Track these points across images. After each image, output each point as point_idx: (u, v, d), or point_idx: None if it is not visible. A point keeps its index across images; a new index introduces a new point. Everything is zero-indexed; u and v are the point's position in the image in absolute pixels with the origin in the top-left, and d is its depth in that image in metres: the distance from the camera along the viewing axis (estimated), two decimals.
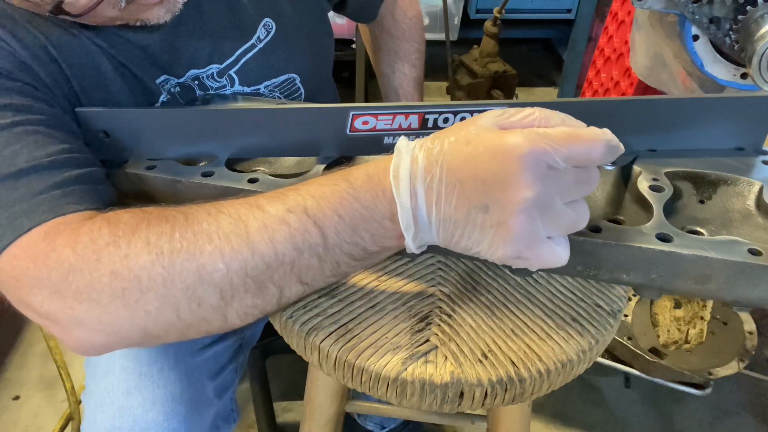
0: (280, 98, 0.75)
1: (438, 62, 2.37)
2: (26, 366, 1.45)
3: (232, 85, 0.70)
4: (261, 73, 0.71)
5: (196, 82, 0.68)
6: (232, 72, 0.70)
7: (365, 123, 0.56)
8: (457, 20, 2.52)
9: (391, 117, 0.55)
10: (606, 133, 0.39)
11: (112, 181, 0.61)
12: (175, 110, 0.62)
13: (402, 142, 0.42)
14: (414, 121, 0.55)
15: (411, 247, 0.43)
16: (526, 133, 0.37)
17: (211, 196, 0.57)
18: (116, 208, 0.47)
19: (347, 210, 0.41)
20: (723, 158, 0.58)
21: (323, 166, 0.58)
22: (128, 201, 0.62)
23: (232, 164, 0.60)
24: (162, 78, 0.65)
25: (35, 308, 0.44)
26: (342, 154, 0.60)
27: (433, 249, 0.55)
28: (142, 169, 0.59)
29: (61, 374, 1.27)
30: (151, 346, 0.46)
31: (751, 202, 0.54)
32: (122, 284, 0.41)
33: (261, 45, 0.70)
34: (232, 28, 0.67)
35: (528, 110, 0.39)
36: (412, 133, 0.56)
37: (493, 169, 0.37)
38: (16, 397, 1.37)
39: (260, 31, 0.69)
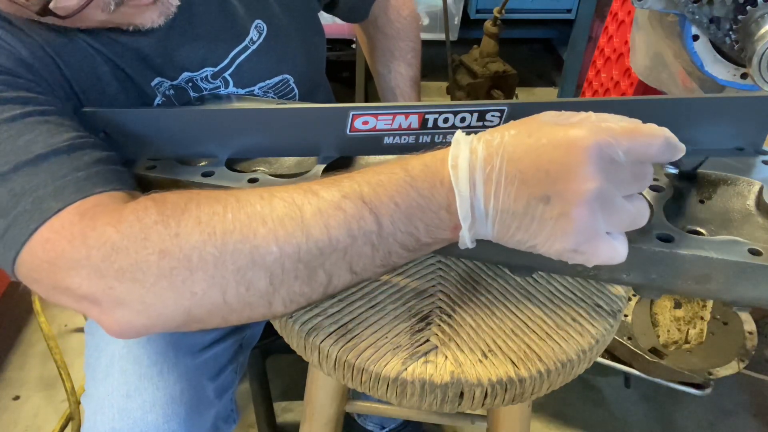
0: (274, 99, 0.75)
1: (438, 62, 2.37)
2: (26, 366, 1.45)
3: (227, 87, 0.70)
4: (255, 74, 0.72)
5: (190, 84, 0.68)
6: (226, 74, 0.70)
7: (365, 123, 0.56)
8: (457, 20, 2.52)
9: (391, 117, 0.55)
10: (665, 131, 0.38)
11: None
12: (175, 110, 0.62)
13: (460, 134, 0.41)
14: (414, 121, 0.55)
15: (465, 239, 0.42)
16: (589, 126, 0.37)
17: None
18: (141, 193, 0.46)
19: (404, 198, 0.40)
20: (723, 158, 0.58)
21: (323, 166, 0.58)
22: None
23: (232, 164, 0.60)
24: (156, 81, 0.65)
25: (73, 290, 0.42)
26: (342, 154, 0.60)
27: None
28: (142, 169, 0.60)
29: (61, 374, 1.27)
30: (192, 329, 0.44)
31: (751, 202, 0.54)
32: (171, 263, 0.40)
33: (254, 47, 0.70)
34: (224, 30, 0.67)
35: (584, 114, 0.39)
36: (412, 134, 0.56)
37: (556, 160, 0.36)
38: (16, 397, 1.37)
39: (252, 33, 0.70)
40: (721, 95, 0.62)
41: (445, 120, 0.55)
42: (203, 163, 0.61)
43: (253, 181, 0.56)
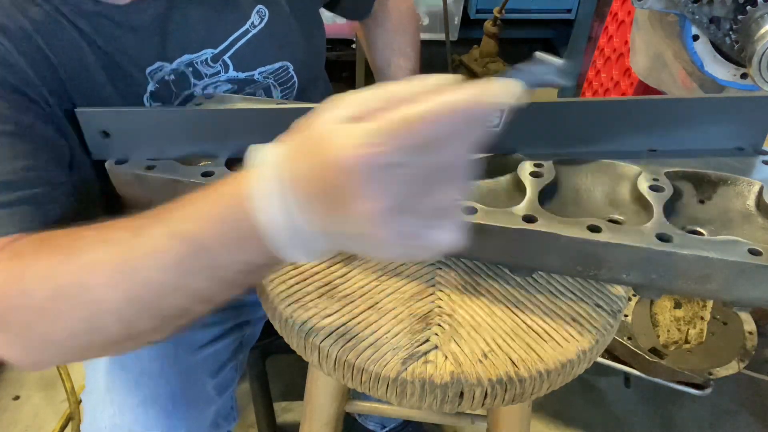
0: (274, 85, 0.75)
1: (438, 62, 2.37)
2: None
3: (227, 71, 0.70)
4: (255, 59, 0.72)
5: (191, 68, 0.68)
6: (226, 57, 0.70)
7: None
8: (457, 20, 2.51)
9: None
10: (450, 100, 0.31)
11: (112, 181, 0.61)
12: (175, 110, 0.62)
13: (254, 153, 0.37)
14: None
15: (298, 259, 0.38)
16: (355, 137, 0.31)
17: None
18: (55, 227, 0.47)
19: (226, 229, 0.38)
20: (723, 158, 0.58)
21: None
22: (128, 201, 0.62)
23: (232, 164, 0.60)
24: (155, 65, 0.65)
25: None
26: None
27: None
28: (142, 169, 0.59)
29: (61, 374, 1.27)
30: (91, 357, 0.48)
31: (751, 202, 0.54)
32: (26, 317, 0.43)
33: (254, 31, 0.70)
34: (225, 12, 0.67)
35: (396, 87, 0.33)
36: None
37: (331, 184, 0.32)
38: (16, 397, 1.37)
39: (254, 17, 0.70)
40: (721, 95, 0.62)
41: None
42: (203, 163, 0.61)
43: None
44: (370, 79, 2.29)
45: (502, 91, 0.33)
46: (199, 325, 0.77)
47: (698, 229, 0.52)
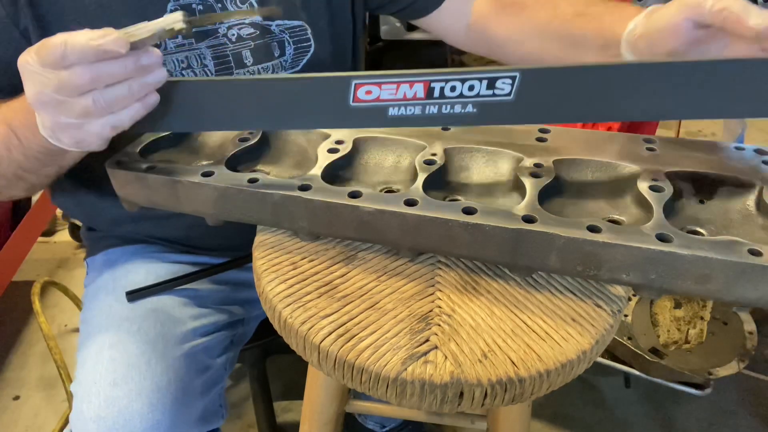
0: (288, 41, 0.77)
1: (438, 62, 2.37)
2: (26, 366, 1.45)
3: (252, 13, 0.73)
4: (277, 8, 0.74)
5: (219, 4, 0.71)
6: (253, 0, 0.73)
7: (369, 93, 0.53)
8: None
9: (395, 86, 0.53)
10: (52, 42, 0.47)
11: (112, 181, 0.61)
12: (178, 81, 0.59)
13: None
14: (419, 90, 0.52)
15: (55, 142, 0.54)
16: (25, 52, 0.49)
17: (211, 196, 0.57)
18: None
19: (26, 120, 0.55)
20: (723, 158, 0.58)
21: (321, 169, 0.58)
22: (128, 200, 0.62)
23: (232, 164, 0.60)
24: None
25: None
26: (344, 127, 0.59)
27: (432, 249, 0.55)
28: (142, 169, 0.60)
29: (61, 374, 1.27)
30: None
31: (751, 202, 0.54)
32: None
33: None
34: None
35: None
36: (418, 104, 0.53)
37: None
38: (16, 397, 1.37)
39: None
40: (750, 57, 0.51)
41: (452, 88, 0.52)
42: (203, 163, 0.61)
43: (252, 181, 0.56)
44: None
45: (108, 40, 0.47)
46: (189, 321, 0.78)
47: (698, 229, 0.52)
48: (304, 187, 0.55)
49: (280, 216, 0.56)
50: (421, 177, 0.56)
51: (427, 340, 0.50)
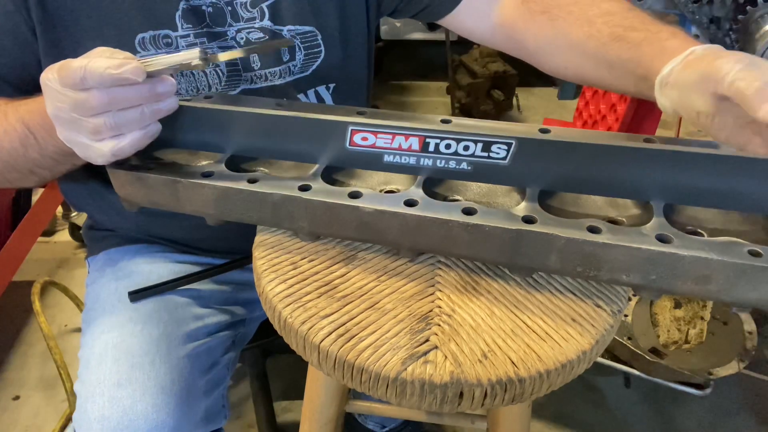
0: (299, 47, 0.77)
1: (438, 62, 2.37)
2: (26, 366, 1.45)
3: (262, 19, 0.73)
4: (288, 14, 0.74)
5: (230, 7, 0.71)
6: (264, 5, 0.73)
7: (365, 139, 0.55)
8: None
9: (390, 137, 0.54)
10: (68, 66, 0.49)
11: (112, 181, 0.61)
12: (187, 106, 0.61)
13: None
14: (414, 143, 0.54)
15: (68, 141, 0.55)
16: (53, 67, 0.51)
17: (211, 196, 0.57)
18: None
19: (43, 121, 0.57)
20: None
21: (321, 170, 0.58)
22: (129, 200, 0.62)
23: (232, 165, 0.60)
24: None
25: None
26: (342, 166, 0.60)
27: (432, 249, 0.55)
28: (143, 169, 0.60)
29: (61, 374, 1.27)
30: None
31: None
32: None
33: None
34: None
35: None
36: (413, 155, 0.55)
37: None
38: (16, 397, 1.37)
39: None
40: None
41: (447, 146, 0.54)
42: (204, 163, 0.61)
43: (252, 181, 0.56)
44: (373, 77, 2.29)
45: (129, 68, 0.49)
46: (192, 321, 0.78)
47: (698, 229, 0.52)
48: (304, 188, 0.55)
49: (280, 216, 0.56)
50: (421, 177, 0.56)
51: (427, 340, 0.50)
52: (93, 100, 0.50)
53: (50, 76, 0.50)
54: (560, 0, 0.70)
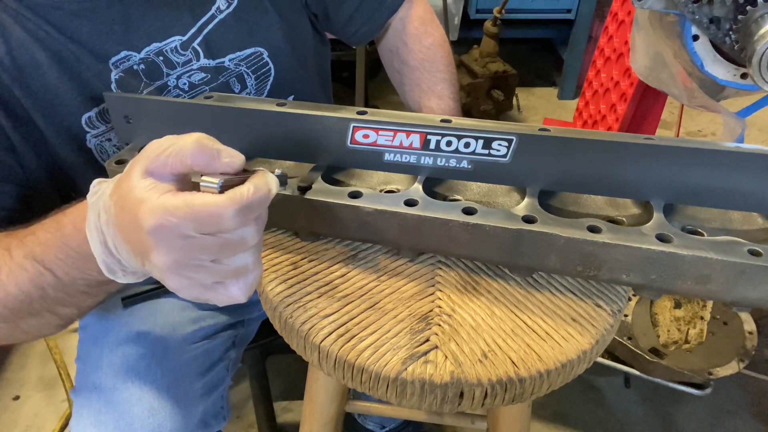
0: (247, 73, 0.74)
1: None
2: (26, 366, 1.45)
3: (198, 59, 0.70)
4: (224, 45, 0.71)
5: (161, 57, 0.68)
6: (195, 44, 0.69)
7: (366, 137, 0.55)
8: (457, 20, 2.51)
9: (392, 134, 0.54)
10: (236, 199, 0.38)
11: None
12: (190, 103, 0.62)
13: (91, 196, 0.45)
14: (415, 140, 0.54)
15: (127, 280, 0.47)
16: (156, 207, 0.38)
17: None
18: None
19: (65, 255, 0.48)
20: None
21: (320, 174, 0.58)
22: None
23: None
24: (121, 55, 0.65)
25: None
26: (342, 166, 0.60)
27: (432, 249, 0.55)
28: None
29: (61, 374, 1.27)
30: None
31: None
32: None
33: (221, 16, 0.70)
34: None
35: (172, 149, 0.40)
36: (414, 153, 0.55)
37: (137, 240, 0.40)
38: (16, 397, 1.37)
39: (220, 2, 0.70)
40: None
41: (448, 143, 0.54)
42: None
43: None
44: (370, 80, 2.29)
45: (274, 185, 0.42)
46: (188, 324, 0.78)
47: (698, 229, 0.52)
48: (304, 188, 0.55)
49: (280, 216, 0.56)
50: (422, 177, 0.56)
51: (428, 340, 0.50)
52: (252, 238, 0.40)
53: (176, 222, 0.37)
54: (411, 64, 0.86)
